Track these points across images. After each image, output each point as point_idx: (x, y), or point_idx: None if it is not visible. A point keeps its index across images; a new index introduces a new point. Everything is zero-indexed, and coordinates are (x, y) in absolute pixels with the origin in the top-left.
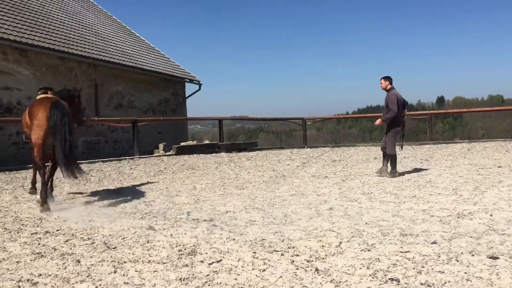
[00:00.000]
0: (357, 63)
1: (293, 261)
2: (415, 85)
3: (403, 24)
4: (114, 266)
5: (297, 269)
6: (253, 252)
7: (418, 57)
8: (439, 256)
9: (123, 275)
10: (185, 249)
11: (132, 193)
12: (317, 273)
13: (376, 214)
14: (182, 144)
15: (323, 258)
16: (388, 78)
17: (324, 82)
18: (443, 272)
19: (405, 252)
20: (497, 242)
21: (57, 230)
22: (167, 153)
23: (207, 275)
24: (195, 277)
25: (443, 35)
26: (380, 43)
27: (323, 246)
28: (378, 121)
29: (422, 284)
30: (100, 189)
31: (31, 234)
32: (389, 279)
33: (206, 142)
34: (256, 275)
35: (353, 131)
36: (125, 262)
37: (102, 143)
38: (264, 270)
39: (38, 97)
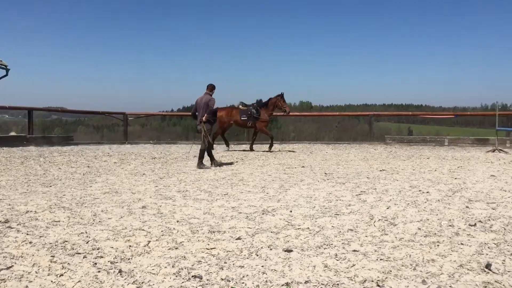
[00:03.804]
0: (181, 61)
1: (95, 264)
2: (236, 88)
3: (235, 28)
4: None
5: (99, 271)
6: (51, 256)
7: (237, 61)
8: (242, 251)
9: None
10: None
11: None
12: (120, 274)
13: (189, 211)
14: None
15: (128, 259)
16: (207, 86)
17: (151, 77)
18: (243, 267)
19: (211, 248)
20: (293, 236)
21: None
22: None
23: None
24: None
25: (261, 43)
26: (206, 40)
27: (130, 246)
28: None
29: (222, 279)
30: None
31: None
32: (192, 276)
33: (13, 134)
34: (52, 281)
35: (178, 128)
36: None
37: None
38: (62, 275)
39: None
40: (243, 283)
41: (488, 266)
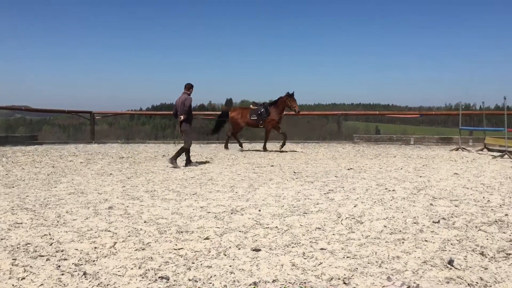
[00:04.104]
0: (149, 61)
1: (59, 266)
2: (207, 86)
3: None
4: None
5: (62, 274)
6: (13, 259)
7: (209, 58)
8: (210, 251)
9: None
10: None
11: None
12: (85, 277)
13: (157, 212)
14: None
15: (94, 261)
16: (185, 85)
17: (119, 76)
18: (211, 267)
19: (179, 249)
20: (261, 235)
21: None
22: None
23: None
24: None
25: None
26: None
27: (95, 247)
28: None
29: (190, 280)
30: None
31: None
32: (159, 277)
33: None
34: (13, 285)
35: (146, 127)
36: None
37: None
38: (24, 278)
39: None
40: (210, 283)
41: (450, 262)
